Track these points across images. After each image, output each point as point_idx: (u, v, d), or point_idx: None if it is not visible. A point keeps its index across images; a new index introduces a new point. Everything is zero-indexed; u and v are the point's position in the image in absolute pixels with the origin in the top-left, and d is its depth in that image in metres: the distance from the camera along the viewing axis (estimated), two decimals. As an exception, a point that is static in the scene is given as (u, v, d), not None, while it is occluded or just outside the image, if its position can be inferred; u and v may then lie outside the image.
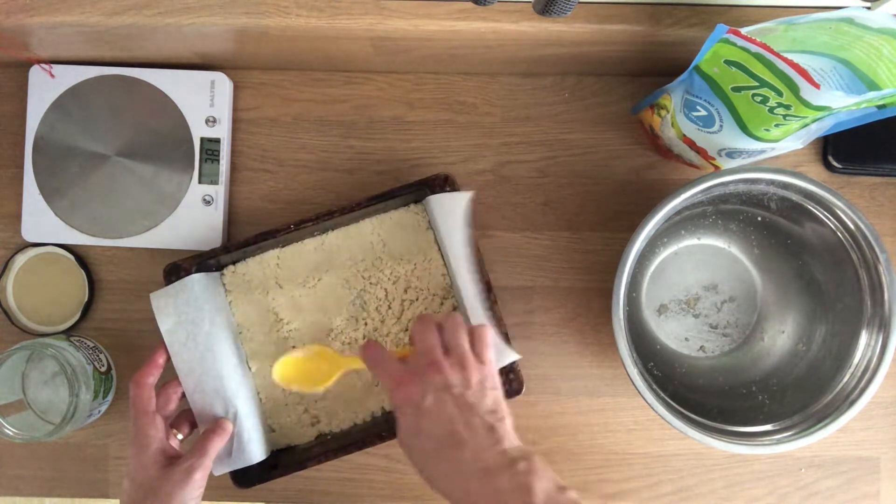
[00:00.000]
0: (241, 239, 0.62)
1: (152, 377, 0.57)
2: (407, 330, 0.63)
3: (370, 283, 0.63)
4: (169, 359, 0.59)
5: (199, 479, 0.54)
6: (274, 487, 0.66)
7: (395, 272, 0.63)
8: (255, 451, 0.60)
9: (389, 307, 0.63)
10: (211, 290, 0.61)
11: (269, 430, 0.63)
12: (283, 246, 0.63)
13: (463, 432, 0.48)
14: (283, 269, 0.64)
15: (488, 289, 0.60)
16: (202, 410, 0.59)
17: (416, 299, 0.63)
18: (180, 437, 0.59)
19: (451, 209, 0.60)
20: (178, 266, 0.61)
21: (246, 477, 0.60)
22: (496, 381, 0.52)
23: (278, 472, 0.61)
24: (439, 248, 0.62)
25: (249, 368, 0.63)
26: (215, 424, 0.58)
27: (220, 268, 0.64)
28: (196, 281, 0.60)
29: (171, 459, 0.55)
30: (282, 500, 0.67)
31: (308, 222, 0.61)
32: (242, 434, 0.59)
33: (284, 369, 0.59)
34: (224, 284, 0.64)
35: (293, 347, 0.63)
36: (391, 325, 0.63)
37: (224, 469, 0.59)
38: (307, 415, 0.63)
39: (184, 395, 0.59)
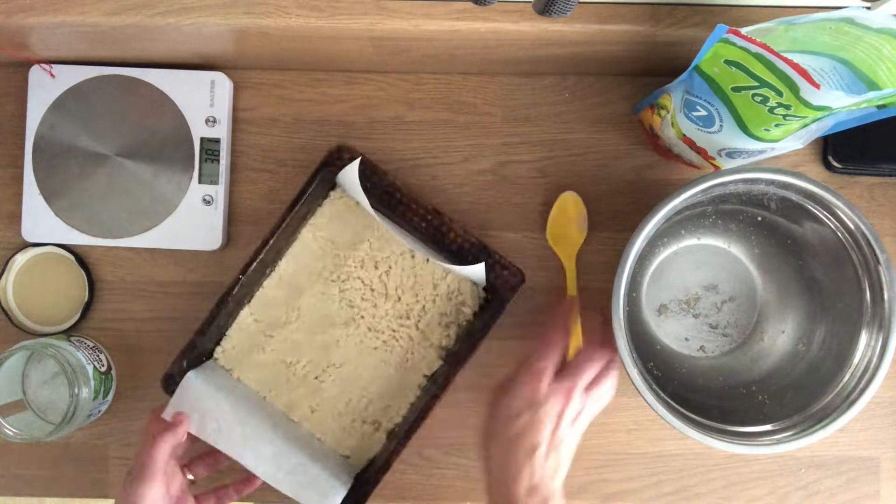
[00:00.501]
0: (207, 316, 0.61)
1: (170, 443, 0.55)
2: (400, 300, 0.64)
3: (342, 282, 0.64)
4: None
5: None
6: (273, 487, 0.66)
7: (357, 257, 0.64)
8: (336, 490, 0.59)
9: (373, 290, 0.64)
10: (213, 378, 0.61)
11: (343, 459, 0.63)
12: (248, 301, 0.64)
13: (540, 452, 0.52)
14: (262, 320, 0.64)
15: (438, 214, 0.61)
16: (276, 476, 0.59)
17: (390, 268, 0.64)
18: (190, 477, 0.59)
19: (352, 180, 0.60)
20: (171, 375, 0.60)
21: None
22: (586, 421, 0.56)
23: (368, 488, 0.61)
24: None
25: (294, 420, 0.64)
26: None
27: (209, 354, 0.64)
28: (194, 378, 0.59)
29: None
30: (283, 500, 0.67)
31: (251, 264, 0.61)
32: (317, 483, 0.58)
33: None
34: (222, 366, 0.64)
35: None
36: (383, 304, 0.64)
37: None
38: (367, 425, 0.64)
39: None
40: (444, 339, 0.64)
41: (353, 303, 0.64)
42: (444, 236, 0.61)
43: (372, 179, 0.61)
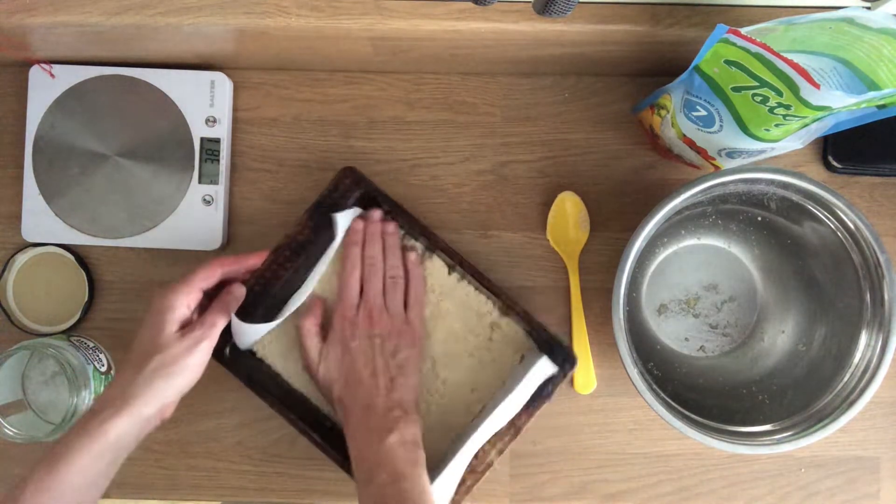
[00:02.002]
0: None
1: (228, 269, 0.59)
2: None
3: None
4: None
5: (204, 349, 0.55)
6: (273, 487, 0.66)
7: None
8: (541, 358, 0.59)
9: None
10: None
11: (518, 359, 0.62)
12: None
13: (367, 374, 0.57)
14: None
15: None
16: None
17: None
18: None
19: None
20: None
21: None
22: (414, 340, 0.60)
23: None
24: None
25: (475, 416, 0.62)
26: (221, 297, 0.59)
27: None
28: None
29: (184, 326, 0.56)
30: (281, 500, 0.67)
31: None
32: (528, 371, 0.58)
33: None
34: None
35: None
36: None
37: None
38: (492, 335, 0.62)
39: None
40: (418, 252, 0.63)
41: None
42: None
43: None
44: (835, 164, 0.66)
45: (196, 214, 0.65)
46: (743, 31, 0.45)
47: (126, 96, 0.64)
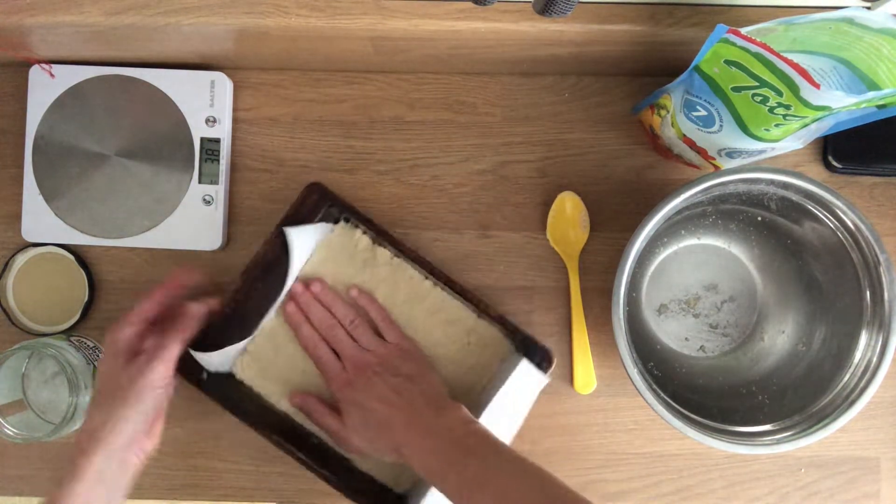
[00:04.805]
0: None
1: (172, 293, 0.58)
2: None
3: None
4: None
5: (159, 370, 0.54)
6: (273, 487, 0.66)
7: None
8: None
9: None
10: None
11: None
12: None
13: (386, 407, 0.56)
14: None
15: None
16: None
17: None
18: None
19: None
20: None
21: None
22: (405, 353, 0.61)
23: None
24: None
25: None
26: (175, 318, 0.57)
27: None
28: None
29: (135, 356, 0.55)
30: (282, 500, 0.67)
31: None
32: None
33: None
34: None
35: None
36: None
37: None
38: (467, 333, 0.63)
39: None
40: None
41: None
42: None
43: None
44: (835, 164, 0.66)
45: (196, 214, 0.65)
46: (743, 31, 0.45)
47: (126, 96, 0.64)
